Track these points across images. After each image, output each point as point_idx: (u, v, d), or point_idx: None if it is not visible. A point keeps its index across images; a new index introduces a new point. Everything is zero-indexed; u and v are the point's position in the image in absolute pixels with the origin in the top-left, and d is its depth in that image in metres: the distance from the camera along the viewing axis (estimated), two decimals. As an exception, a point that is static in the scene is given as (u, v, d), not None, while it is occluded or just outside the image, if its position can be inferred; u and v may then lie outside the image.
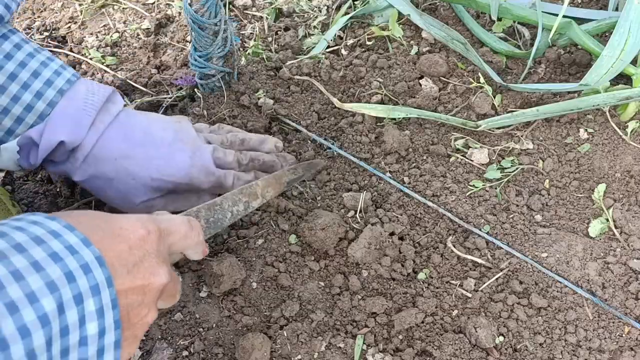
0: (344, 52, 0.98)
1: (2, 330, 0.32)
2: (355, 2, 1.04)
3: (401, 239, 0.75)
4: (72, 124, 0.65)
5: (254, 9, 1.12)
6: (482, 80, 0.86)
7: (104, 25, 1.14)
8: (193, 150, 0.72)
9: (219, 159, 0.74)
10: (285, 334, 0.67)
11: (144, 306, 0.45)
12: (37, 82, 0.66)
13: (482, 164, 0.82)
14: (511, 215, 0.78)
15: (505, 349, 0.68)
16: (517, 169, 0.81)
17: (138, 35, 1.10)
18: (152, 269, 0.45)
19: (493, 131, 0.85)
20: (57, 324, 0.35)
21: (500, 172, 0.81)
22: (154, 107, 0.95)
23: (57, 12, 1.19)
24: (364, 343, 0.68)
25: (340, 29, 1.01)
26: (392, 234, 0.75)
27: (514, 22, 0.98)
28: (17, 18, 1.19)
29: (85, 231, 0.40)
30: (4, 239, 0.36)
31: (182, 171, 0.71)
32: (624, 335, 0.68)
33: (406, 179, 0.81)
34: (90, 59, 1.06)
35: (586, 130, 0.83)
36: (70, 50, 1.10)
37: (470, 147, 0.84)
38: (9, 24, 0.67)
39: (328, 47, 0.99)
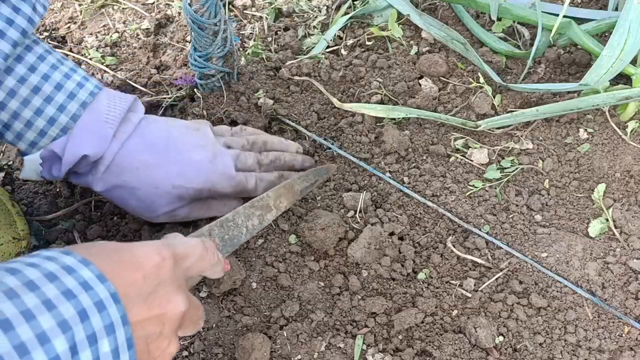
0: (343, 52, 0.98)
1: None
2: (355, 2, 1.04)
3: (401, 239, 0.75)
4: (94, 137, 0.66)
5: (253, 9, 1.12)
6: (481, 80, 0.86)
7: (104, 26, 1.14)
8: (213, 155, 0.72)
9: (241, 163, 0.74)
10: (285, 334, 0.67)
11: (163, 337, 0.44)
12: (60, 94, 0.66)
13: (482, 164, 0.82)
14: (511, 215, 0.78)
15: (505, 349, 0.68)
16: (516, 169, 0.81)
17: (138, 35, 1.10)
18: (168, 297, 0.44)
19: (493, 131, 0.85)
20: None
21: (500, 172, 0.81)
22: (153, 107, 0.95)
23: (56, 12, 1.19)
24: (363, 343, 0.68)
25: (340, 29, 1.01)
26: (392, 234, 0.75)
27: (514, 22, 0.98)
28: (17, 18, 1.19)
29: (98, 262, 0.39)
30: (16, 276, 0.34)
31: (203, 176, 0.70)
32: (623, 335, 0.68)
33: (406, 179, 0.81)
34: (90, 59, 1.06)
35: (586, 130, 0.83)
36: (70, 50, 1.10)
37: (470, 147, 0.84)
38: (32, 35, 0.67)
39: (328, 47, 0.99)
